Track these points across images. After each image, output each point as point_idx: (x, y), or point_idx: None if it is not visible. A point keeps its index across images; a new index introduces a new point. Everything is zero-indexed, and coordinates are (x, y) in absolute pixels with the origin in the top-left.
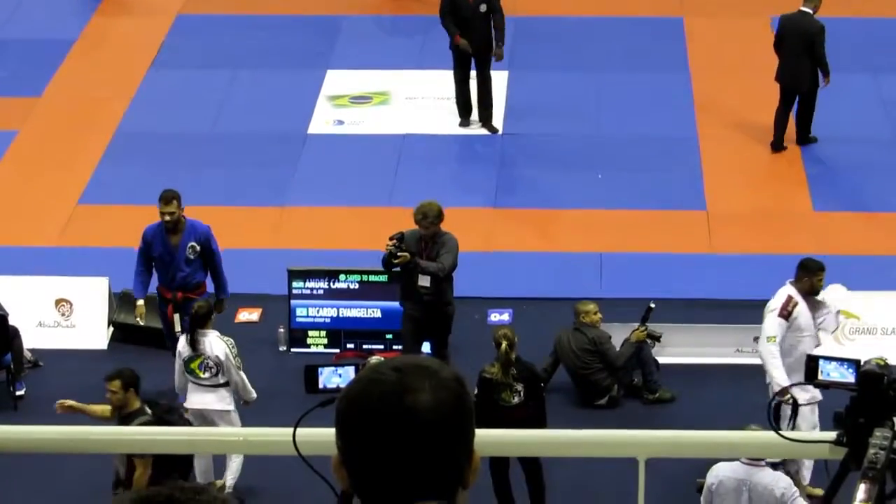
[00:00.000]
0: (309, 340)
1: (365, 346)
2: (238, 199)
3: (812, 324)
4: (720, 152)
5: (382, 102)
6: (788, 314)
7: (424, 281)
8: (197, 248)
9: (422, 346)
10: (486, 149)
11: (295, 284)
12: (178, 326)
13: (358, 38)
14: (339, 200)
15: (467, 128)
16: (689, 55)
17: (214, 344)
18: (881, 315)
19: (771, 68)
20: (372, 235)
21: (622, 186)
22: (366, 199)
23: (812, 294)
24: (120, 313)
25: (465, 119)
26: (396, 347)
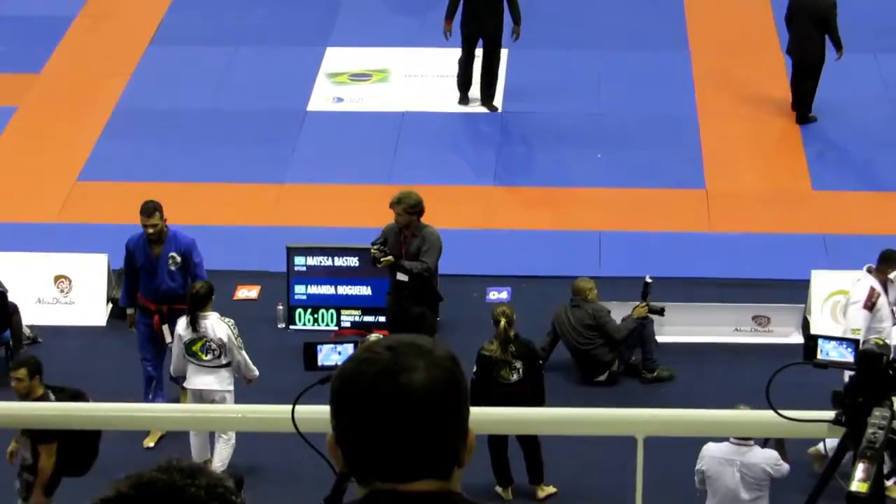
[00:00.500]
0: (308, 317)
1: (363, 323)
2: (237, 176)
3: (890, 312)
4: (720, 131)
5: (382, 80)
6: (872, 305)
7: (402, 276)
8: (178, 259)
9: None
10: (486, 127)
11: (295, 261)
12: (168, 337)
13: (358, 15)
14: (339, 178)
15: (466, 105)
16: (689, 33)
17: (217, 326)
18: None
19: (772, 47)
20: (371, 213)
21: (621, 165)
22: (365, 177)
23: (885, 283)
24: (119, 290)
25: (465, 96)
26: None
